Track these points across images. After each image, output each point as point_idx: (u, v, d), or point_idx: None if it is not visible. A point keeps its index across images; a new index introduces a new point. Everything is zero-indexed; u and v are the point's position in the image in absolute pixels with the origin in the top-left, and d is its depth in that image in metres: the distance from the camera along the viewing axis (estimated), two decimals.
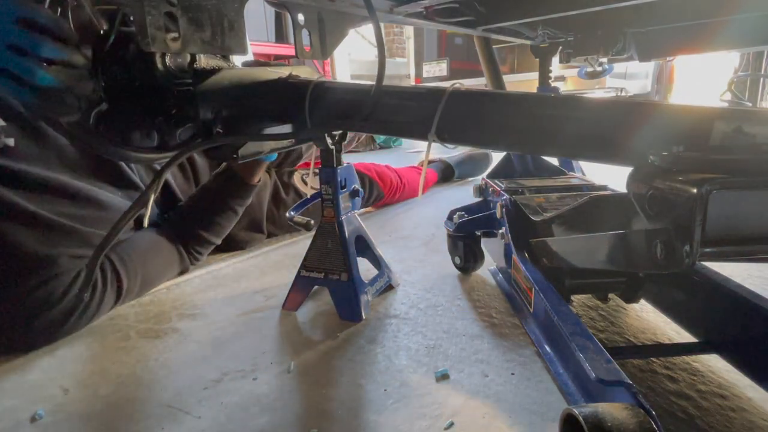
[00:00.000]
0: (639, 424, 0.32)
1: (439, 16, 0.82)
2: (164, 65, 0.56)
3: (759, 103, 1.90)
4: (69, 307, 0.64)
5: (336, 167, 0.68)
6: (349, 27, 0.71)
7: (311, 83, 0.58)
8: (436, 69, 4.50)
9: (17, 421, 0.50)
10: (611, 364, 0.41)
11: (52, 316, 0.62)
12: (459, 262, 0.84)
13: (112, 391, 0.55)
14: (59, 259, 0.63)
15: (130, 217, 0.53)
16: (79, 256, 0.66)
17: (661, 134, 0.37)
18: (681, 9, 0.85)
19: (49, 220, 0.63)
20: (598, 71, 1.09)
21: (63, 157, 0.69)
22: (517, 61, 3.92)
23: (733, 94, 1.79)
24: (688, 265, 0.32)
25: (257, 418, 0.49)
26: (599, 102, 0.43)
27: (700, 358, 0.55)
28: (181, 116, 0.60)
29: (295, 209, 0.80)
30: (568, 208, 0.58)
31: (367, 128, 0.56)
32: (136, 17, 0.47)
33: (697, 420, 0.46)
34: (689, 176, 0.32)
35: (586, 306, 0.71)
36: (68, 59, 0.46)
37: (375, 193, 1.35)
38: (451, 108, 0.48)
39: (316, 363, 0.59)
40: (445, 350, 0.60)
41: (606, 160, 0.41)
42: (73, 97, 0.49)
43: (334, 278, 0.70)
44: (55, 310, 0.62)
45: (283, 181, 1.17)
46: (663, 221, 0.34)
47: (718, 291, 0.52)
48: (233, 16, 0.56)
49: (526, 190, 0.75)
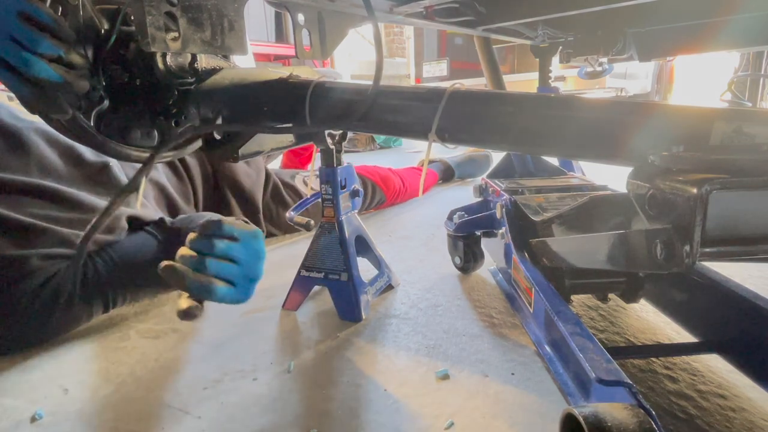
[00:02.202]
0: (639, 424, 0.32)
1: (439, 16, 0.82)
2: (165, 65, 0.56)
3: (759, 103, 1.90)
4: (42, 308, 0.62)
5: (336, 167, 0.68)
6: (349, 27, 0.70)
7: (312, 83, 0.58)
8: (436, 69, 4.50)
9: (17, 421, 0.50)
10: (611, 364, 0.41)
11: (24, 317, 0.61)
12: (459, 262, 0.84)
13: (112, 391, 0.55)
14: (30, 259, 0.62)
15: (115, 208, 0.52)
16: (53, 256, 0.64)
17: (661, 134, 0.37)
18: (681, 9, 0.85)
19: (19, 221, 0.62)
20: (598, 71, 1.09)
21: (44, 165, 0.70)
22: (517, 61, 3.92)
23: (733, 94, 1.79)
24: (688, 265, 0.32)
25: (257, 418, 0.49)
26: (599, 102, 0.43)
27: (700, 358, 0.55)
28: (181, 115, 0.60)
29: (295, 209, 0.80)
30: (568, 208, 0.58)
31: (368, 128, 0.56)
32: (137, 17, 0.48)
33: (697, 420, 0.46)
34: (689, 176, 0.32)
35: (586, 306, 0.71)
36: (64, 57, 0.46)
37: (377, 198, 1.35)
38: (451, 108, 0.48)
39: (316, 363, 0.59)
40: (445, 350, 0.60)
41: (606, 160, 0.41)
42: (69, 95, 0.49)
43: (334, 278, 0.70)
44: (28, 309, 0.61)
45: (284, 182, 1.17)
46: (663, 221, 0.34)
47: (718, 291, 0.52)
48: (233, 16, 0.56)
49: (526, 190, 0.75)
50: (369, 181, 1.33)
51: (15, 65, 0.44)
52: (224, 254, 0.52)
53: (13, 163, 0.66)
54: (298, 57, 0.63)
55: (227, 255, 0.53)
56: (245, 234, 0.55)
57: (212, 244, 0.52)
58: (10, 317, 0.61)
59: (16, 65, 0.44)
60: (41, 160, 0.70)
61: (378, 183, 1.34)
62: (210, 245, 0.52)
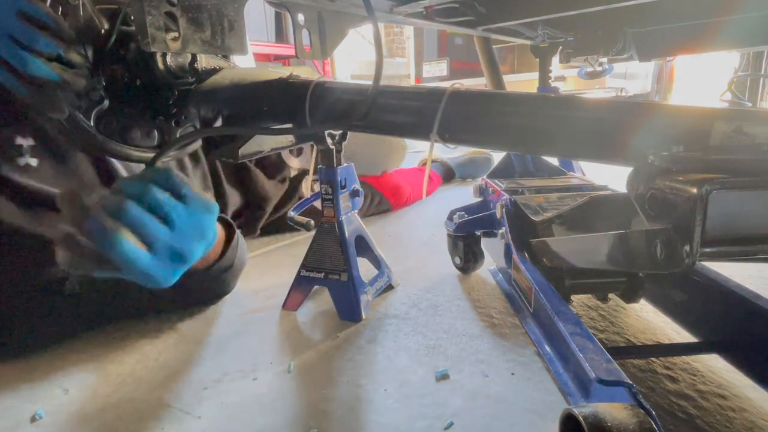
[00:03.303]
0: (639, 424, 0.32)
1: (439, 16, 0.82)
2: (165, 65, 0.56)
3: (759, 103, 1.90)
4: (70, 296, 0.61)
5: (336, 167, 0.68)
6: (349, 27, 0.70)
7: (312, 83, 0.58)
8: (436, 69, 4.51)
9: (17, 421, 0.50)
10: (611, 364, 0.41)
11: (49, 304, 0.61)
12: (459, 262, 0.84)
13: (112, 391, 0.55)
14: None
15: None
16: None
17: (661, 134, 0.37)
18: (681, 9, 0.85)
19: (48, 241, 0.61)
20: (598, 71, 1.09)
21: (81, 182, 0.69)
22: (517, 61, 3.92)
23: (733, 94, 1.79)
24: (688, 265, 0.32)
25: (257, 418, 0.49)
26: (599, 102, 0.43)
27: (700, 358, 0.55)
28: (181, 115, 0.60)
29: (295, 209, 0.80)
30: (568, 208, 0.58)
31: (368, 128, 0.56)
32: (137, 17, 0.48)
33: (697, 420, 0.46)
34: (689, 176, 0.32)
35: (586, 306, 0.71)
36: (63, 56, 0.46)
37: (384, 208, 1.36)
38: (452, 108, 0.48)
39: (316, 363, 0.59)
40: (445, 350, 0.60)
41: (606, 160, 0.41)
42: (69, 94, 0.49)
43: (334, 278, 0.70)
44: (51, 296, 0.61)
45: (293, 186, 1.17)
46: (663, 221, 0.34)
47: (718, 291, 0.52)
48: (233, 16, 0.56)
49: (526, 190, 0.75)
50: (378, 194, 1.33)
51: (12, 64, 0.44)
52: (157, 206, 0.40)
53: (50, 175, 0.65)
54: (298, 57, 0.63)
55: (161, 209, 0.41)
56: (197, 199, 0.44)
57: (147, 190, 0.40)
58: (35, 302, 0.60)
59: (13, 64, 0.44)
60: (79, 174, 0.69)
61: (386, 195, 1.35)
62: (143, 190, 0.40)
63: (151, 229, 0.40)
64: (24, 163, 0.61)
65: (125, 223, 0.39)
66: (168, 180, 0.42)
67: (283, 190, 1.14)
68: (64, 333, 0.66)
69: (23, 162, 0.61)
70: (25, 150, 0.62)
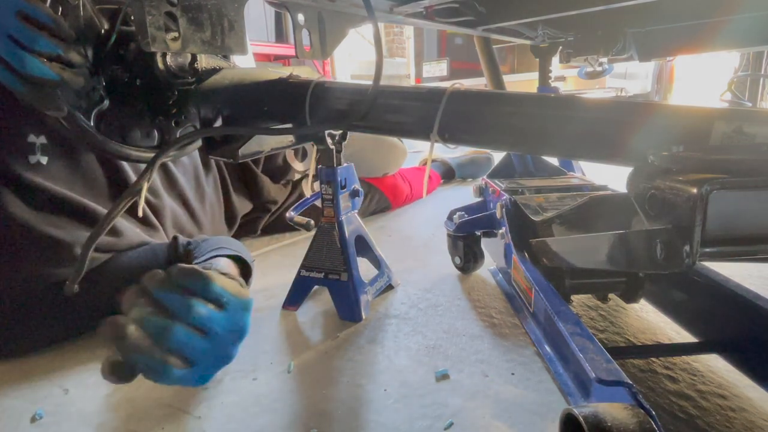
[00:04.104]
0: (639, 424, 0.32)
1: (439, 16, 0.82)
2: (165, 65, 0.56)
3: (759, 103, 1.90)
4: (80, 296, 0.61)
5: (336, 167, 0.68)
6: (349, 27, 0.71)
7: (312, 83, 0.58)
8: (436, 69, 4.51)
9: (17, 421, 0.50)
10: (611, 364, 0.41)
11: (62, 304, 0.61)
12: (459, 262, 0.84)
13: (112, 391, 0.55)
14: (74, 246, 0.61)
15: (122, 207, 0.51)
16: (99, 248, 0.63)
17: (661, 134, 0.37)
18: (681, 9, 0.85)
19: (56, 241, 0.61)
20: (598, 71, 1.09)
21: (89, 182, 0.68)
22: (517, 61, 3.92)
23: (733, 94, 1.79)
24: (688, 265, 0.32)
25: (257, 418, 0.49)
26: (599, 102, 0.43)
27: (700, 358, 0.55)
28: (181, 115, 0.60)
29: (295, 209, 0.80)
30: (568, 208, 0.58)
31: (368, 128, 0.56)
32: (137, 17, 0.48)
33: (697, 420, 0.46)
34: (689, 176, 0.32)
35: (586, 306, 0.71)
36: (62, 56, 0.46)
37: (383, 206, 1.36)
38: (452, 108, 0.48)
39: (316, 363, 0.59)
40: (445, 350, 0.60)
41: (606, 160, 0.41)
42: (68, 94, 0.49)
43: (334, 278, 0.70)
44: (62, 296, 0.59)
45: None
46: (663, 221, 0.34)
47: (718, 291, 0.52)
48: (233, 16, 0.56)
49: (526, 190, 0.75)
50: (378, 191, 1.33)
51: (11, 63, 0.44)
52: (200, 324, 0.41)
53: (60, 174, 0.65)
54: (298, 57, 0.63)
55: (203, 325, 0.41)
56: (235, 302, 0.44)
57: (190, 307, 0.41)
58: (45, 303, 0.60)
59: (11, 63, 0.44)
60: (88, 176, 0.68)
61: (385, 193, 1.35)
62: (186, 307, 0.41)
63: (195, 350, 0.41)
64: (35, 161, 0.61)
65: (170, 348, 0.40)
66: (207, 289, 0.42)
67: (286, 193, 1.14)
68: (64, 333, 0.66)
69: (34, 160, 0.61)
70: (38, 148, 0.61)
